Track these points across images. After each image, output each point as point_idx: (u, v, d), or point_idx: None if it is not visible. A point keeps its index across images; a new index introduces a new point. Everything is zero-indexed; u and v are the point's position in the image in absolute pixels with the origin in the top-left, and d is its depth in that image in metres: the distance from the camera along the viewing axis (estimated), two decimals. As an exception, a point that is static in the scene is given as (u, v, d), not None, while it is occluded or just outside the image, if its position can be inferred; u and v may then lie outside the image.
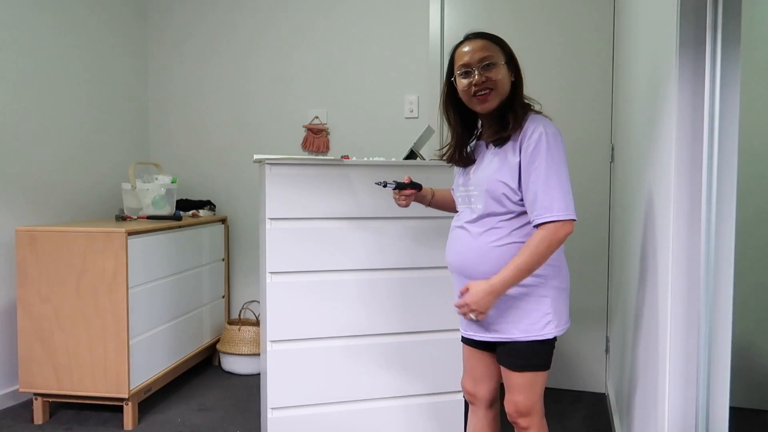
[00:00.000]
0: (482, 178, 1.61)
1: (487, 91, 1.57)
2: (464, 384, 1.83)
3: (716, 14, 1.16)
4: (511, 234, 1.57)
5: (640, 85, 1.95)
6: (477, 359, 1.77)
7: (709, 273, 1.20)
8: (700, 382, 1.21)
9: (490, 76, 1.57)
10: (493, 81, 1.56)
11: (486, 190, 1.58)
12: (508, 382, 1.64)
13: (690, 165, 1.25)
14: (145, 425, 2.67)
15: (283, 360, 2.22)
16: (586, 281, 3.09)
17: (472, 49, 1.59)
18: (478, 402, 1.80)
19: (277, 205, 2.18)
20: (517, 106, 1.59)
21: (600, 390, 3.11)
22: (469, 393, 1.81)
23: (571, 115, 3.08)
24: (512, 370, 1.62)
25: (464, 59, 1.60)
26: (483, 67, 1.57)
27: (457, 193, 1.75)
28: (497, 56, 1.58)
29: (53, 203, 3.13)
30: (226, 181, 3.70)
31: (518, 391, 1.62)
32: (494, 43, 1.60)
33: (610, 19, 3.00)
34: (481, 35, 1.61)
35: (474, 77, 1.57)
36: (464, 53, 1.60)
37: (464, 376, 1.83)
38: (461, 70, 1.60)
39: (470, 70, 1.58)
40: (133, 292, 2.64)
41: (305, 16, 3.51)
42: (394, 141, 3.37)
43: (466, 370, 1.81)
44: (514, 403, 1.63)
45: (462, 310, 1.58)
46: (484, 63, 1.57)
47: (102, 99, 3.45)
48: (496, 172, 1.57)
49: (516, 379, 1.61)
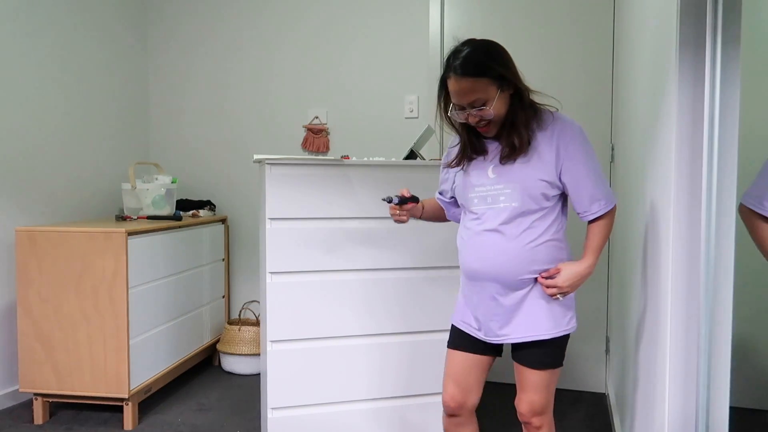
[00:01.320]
0: (517, 176, 1.57)
1: (485, 123, 1.57)
2: (452, 396, 1.71)
3: (716, 14, 1.16)
4: (546, 232, 1.60)
5: (640, 85, 1.95)
6: (473, 366, 1.70)
7: (709, 273, 1.20)
8: (700, 382, 1.21)
9: (483, 115, 1.54)
10: (487, 117, 1.55)
11: (523, 188, 1.56)
12: (524, 381, 1.64)
13: (690, 165, 1.25)
14: (145, 425, 2.67)
15: (283, 360, 2.22)
16: (586, 281, 3.08)
17: (460, 91, 1.52)
18: (464, 413, 1.73)
19: (277, 205, 2.18)
20: (521, 119, 1.56)
21: (600, 390, 3.11)
22: (457, 404, 1.71)
23: (571, 115, 3.05)
24: (534, 369, 1.61)
25: (454, 99, 1.55)
26: (474, 107, 1.54)
27: (469, 194, 1.65)
28: (486, 91, 1.51)
29: (53, 203, 3.13)
30: (226, 181, 3.70)
31: (535, 390, 1.62)
32: (480, 75, 1.50)
33: (610, 18, 3.00)
34: (467, 71, 1.50)
35: (468, 116, 1.56)
36: (454, 92, 1.54)
37: (450, 387, 1.71)
38: (455, 107, 1.57)
39: (463, 109, 1.55)
40: (133, 292, 2.64)
41: (305, 17, 3.51)
42: (394, 141, 3.37)
43: (455, 380, 1.71)
44: (530, 403, 1.63)
45: (551, 291, 1.58)
46: (473, 106, 1.54)
47: (102, 99, 3.45)
48: (534, 170, 1.56)
49: (535, 378, 1.62)
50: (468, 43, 1.56)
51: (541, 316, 1.60)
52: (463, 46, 1.56)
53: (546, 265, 1.59)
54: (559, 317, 1.61)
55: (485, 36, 1.65)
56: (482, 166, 1.64)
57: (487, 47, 1.55)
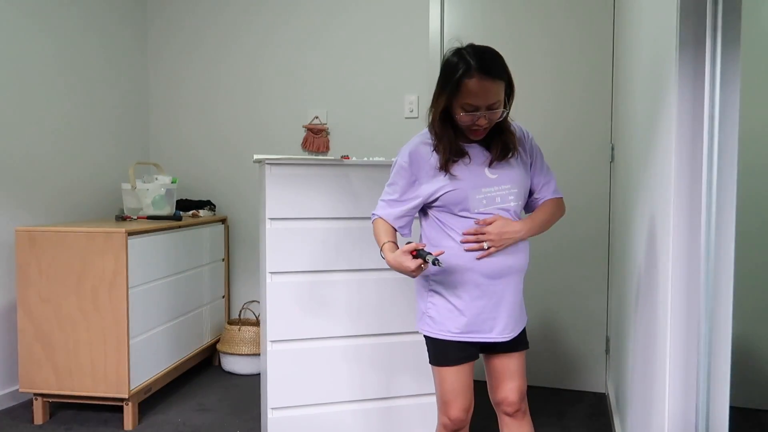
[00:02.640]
0: (516, 176, 1.66)
1: (486, 126, 1.59)
2: (457, 413, 1.66)
3: (716, 14, 1.16)
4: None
5: (640, 85, 1.95)
6: (471, 373, 1.68)
7: (709, 273, 1.20)
8: (700, 382, 1.21)
9: (493, 118, 1.57)
10: (496, 120, 1.58)
11: (521, 186, 1.67)
12: (510, 369, 1.70)
13: (690, 165, 1.25)
14: (145, 425, 2.67)
15: (283, 360, 2.22)
16: (586, 281, 3.09)
17: (484, 92, 1.52)
18: (465, 425, 1.69)
19: (277, 205, 2.18)
20: (507, 123, 1.66)
21: (600, 390, 3.11)
22: (462, 421, 1.67)
23: (571, 115, 3.08)
24: (521, 351, 1.72)
25: (473, 100, 1.52)
26: (489, 110, 1.55)
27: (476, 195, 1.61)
28: (502, 96, 1.56)
29: (53, 203, 3.13)
30: (226, 181, 3.70)
31: (520, 375, 1.71)
32: (501, 78, 1.54)
33: (610, 18, 3.00)
34: (492, 73, 1.53)
35: (480, 119, 1.56)
36: (474, 93, 1.52)
37: (460, 402, 1.66)
38: (467, 108, 1.54)
39: (477, 111, 1.54)
40: (133, 292, 2.64)
41: (305, 17, 3.51)
42: (394, 141, 3.36)
43: (461, 394, 1.66)
44: (519, 389, 1.70)
45: (478, 237, 1.59)
46: (492, 108, 1.55)
47: (102, 99, 3.45)
48: (522, 169, 1.68)
49: (521, 362, 1.71)
50: (480, 47, 1.57)
51: (521, 305, 1.72)
52: (475, 48, 1.55)
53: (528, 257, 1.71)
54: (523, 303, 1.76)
55: (485, 36, 1.68)
56: (473, 169, 1.62)
57: (498, 53, 1.59)
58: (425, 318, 1.68)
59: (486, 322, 1.64)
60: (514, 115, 1.72)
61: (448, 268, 1.62)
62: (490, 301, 1.63)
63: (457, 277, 1.62)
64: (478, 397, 1.77)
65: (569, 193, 3.05)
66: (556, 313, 3.14)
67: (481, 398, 1.88)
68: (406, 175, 1.66)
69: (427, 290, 1.68)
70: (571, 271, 3.11)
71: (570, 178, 3.04)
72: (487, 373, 1.74)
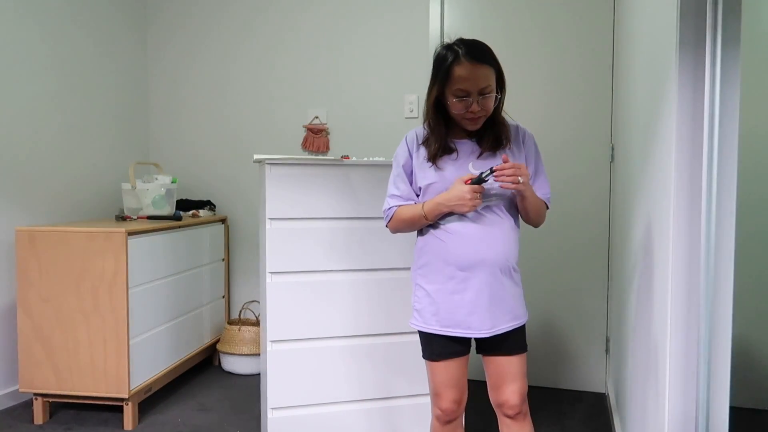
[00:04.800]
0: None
1: (481, 115, 1.60)
2: (447, 404, 1.70)
3: (716, 14, 1.16)
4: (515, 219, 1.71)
5: (640, 85, 1.95)
6: (462, 368, 1.70)
7: (709, 273, 1.20)
8: (700, 381, 1.21)
9: (486, 104, 1.59)
10: (487, 109, 1.60)
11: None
12: (511, 371, 1.67)
13: (690, 165, 1.25)
14: (145, 425, 2.67)
15: (283, 360, 2.22)
16: (586, 281, 3.09)
17: (474, 77, 1.55)
18: (458, 416, 1.73)
19: (277, 205, 2.18)
20: (501, 117, 1.67)
21: (600, 390, 3.11)
22: (453, 412, 1.70)
23: (571, 115, 3.08)
24: (519, 354, 1.68)
25: (463, 84, 1.56)
26: (481, 95, 1.57)
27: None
28: (493, 82, 1.58)
29: (53, 203, 3.13)
30: (226, 181, 3.70)
31: (521, 377, 1.69)
32: (488, 63, 1.57)
33: (610, 19, 3.00)
34: (483, 59, 1.57)
35: (471, 105, 1.57)
36: (464, 78, 1.55)
37: (449, 393, 1.69)
38: (458, 94, 1.57)
39: (468, 97, 1.57)
40: (133, 292, 2.64)
41: (305, 16, 3.51)
42: (394, 141, 3.34)
43: (452, 386, 1.69)
44: (520, 391, 1.68)
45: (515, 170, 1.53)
46: (484, 93, 1.57)
47: (102, 99, 3.45)
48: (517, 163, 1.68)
49: (520, 363, 1.68)
50: (469, 39, 1.61)
51: (516, 302, 1.68)
52: (463, 40, 1.61)
53: (517, 250, 1.69)
54: (523, 302, 1.72)
55: (485, 36, 1.68)
56: (458, 164, 1.65)
57: (486, 44, 1.62)
58: (413, 311, 1.74)
59: (464, 317, 1.64)
60: (515, 115, 1.73)
61: (428, 261, 1.68)
62: (466, 295, 1.63)
63: (434, 269, 1.67)
64: (478, 397, 1.77)
65: (569, 193, 3.05)
66: (556, 313, 3.15)
67: (482, 398, 1.88)
68: (404, 172, 1.74)
69: (414, 283, 1.74)
70: (571, 271, 3.11)
71: (570, 178, 3.04)
72: (486, 374, 1.74)
